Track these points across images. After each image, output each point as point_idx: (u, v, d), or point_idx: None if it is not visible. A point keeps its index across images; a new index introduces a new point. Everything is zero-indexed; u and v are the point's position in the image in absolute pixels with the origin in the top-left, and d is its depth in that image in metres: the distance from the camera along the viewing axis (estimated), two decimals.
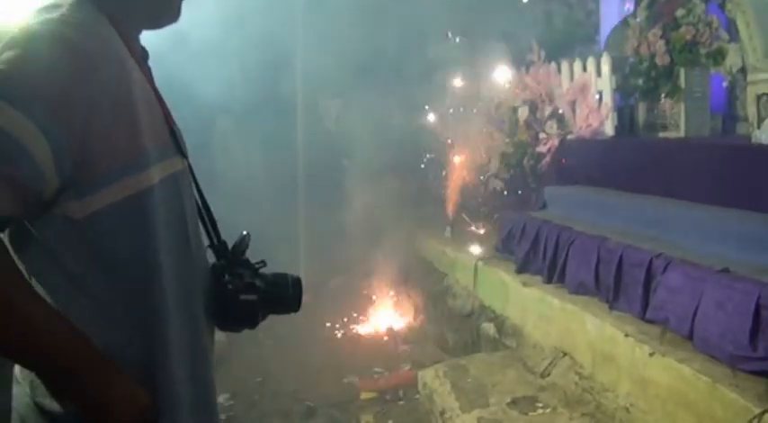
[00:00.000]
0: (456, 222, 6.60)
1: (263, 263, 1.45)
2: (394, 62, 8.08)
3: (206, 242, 1.42)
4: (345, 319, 6.42)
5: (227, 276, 1.38)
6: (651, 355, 3.23)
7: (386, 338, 6.08)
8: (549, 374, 3.91)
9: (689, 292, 3.22)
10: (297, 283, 1.48)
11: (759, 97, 4.46)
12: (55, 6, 1.17)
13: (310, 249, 7.54)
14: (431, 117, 7.62)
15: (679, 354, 3.12)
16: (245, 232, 1.45)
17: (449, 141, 7.17)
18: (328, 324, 6.26)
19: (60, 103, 1.06)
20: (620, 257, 3.76)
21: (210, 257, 1.42)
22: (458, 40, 7.73)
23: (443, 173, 7.20)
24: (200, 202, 1.40)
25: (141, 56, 1.30)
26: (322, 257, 7.38)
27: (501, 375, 4.03)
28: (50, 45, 1.09)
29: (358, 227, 6.83)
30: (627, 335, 3.43)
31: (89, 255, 1.15)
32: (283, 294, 1.45)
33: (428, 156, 7.67)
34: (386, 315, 6.48)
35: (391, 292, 6.70)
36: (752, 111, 4.53)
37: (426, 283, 6.27)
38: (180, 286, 1.25)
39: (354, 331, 6.25)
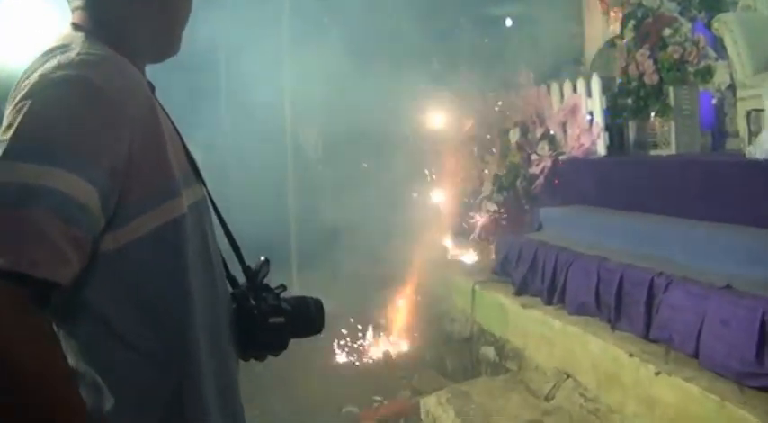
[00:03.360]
0: (452, 246, 6.58)
1: (284, 287, 1.45)
2: (378, 90, 8.15)
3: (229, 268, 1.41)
4: (340, 347, 6.36)
5: (252, 301, 1.36)
6: (657, 374, 3.20)
7: (383, 365, 6.02)
8: (553, 397, 3.87)
9: (692, 309, 3.20)
10: (318, 304, 1.50)
11: (749, 113, 4.52)
12: (65, 47, 1.14)
13: (303, 280, 7.48)
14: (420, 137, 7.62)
15: (685, 372, 3.09)
16: (263, 258, 1.44)
17: (440, 166, 7.18)
18: (321, 352, 6.20)
19: (98, 148, 1.06)
20: (621, 277, 3.75)
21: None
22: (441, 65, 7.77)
23: (436, 198, 7.20)
24: (222, 229, 1.41)
25: (150, 88, 1.30)
26: (314, 284, 7.33)
27: (504, 400, 3.98)
28: (76, 92, 1.07)
29: (351, 252, 6.80)
30: (631, 355, 3.40)
31: (122, 289, 1.13)
32: (307, 316, 1.46)
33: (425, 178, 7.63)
34: (382, 341, 6.42)
35: (387, 317, 6.65)
36: (742, 126, 4.58)
37: (423, 307, 6.22)
38: (208, 316, 1.24)
39: (350, 359, 6.18)
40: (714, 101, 5.56)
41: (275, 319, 1.37)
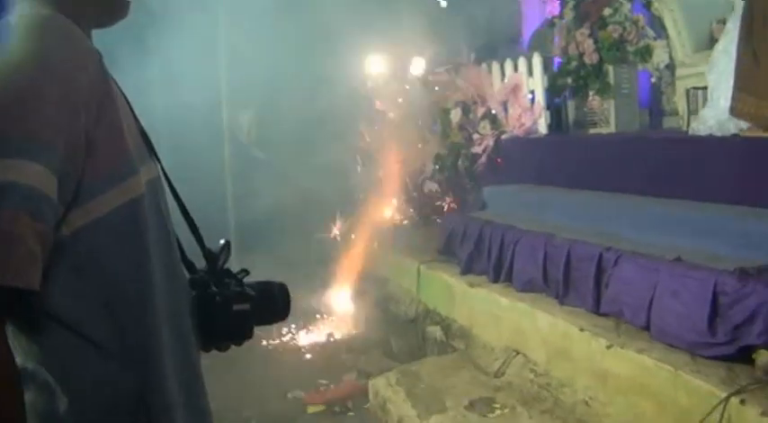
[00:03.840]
0: (394, 228, 6.53)
1: (246, 271, 1.35)
2: (312, 71, 7.99)
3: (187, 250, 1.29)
4: (283, 330, 6.24)
5: (213, 288, 1.25)
6: (609, 347, 3.22)
7: (328, 348, 5.93)
8: (503, 374, 3.87)
9: (642, 282, 3.23)
10: (283, 289, 1.38)
11: (688, 91, 4.61)
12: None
13: (241, 263, 7.28)
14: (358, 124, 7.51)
15: (637, 344, 3.13)
16: (223, 241, 1.32)
17: (379, 147, 7.10)
18: (264, 336, 6.07)
19: (54, 130, 0.95)
20: (568, 253, 3.76)
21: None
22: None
23: (377, 178, 7.12)
24: (179, 209, 1.29)
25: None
26: (252, 264, 7.16)
27: (455, 378, 3.96)
28: (22, 64, 0.95)
29: (290, 234, 6.67)
30: (582, 329, 3.42)
31: (75, 277, 1.01)
32: (273, 302, 1.35)
33: (359, 163, 7.53)
34: (326, 324, 6.32)
35: (329, 300, 6.55)
36: (682, 104, 4.68)
37: (367, 289, 6.15)
38: (170, 305, 1.12)
39: (293, 342, 6.06)
40: (653, 80, 5.66)
41: (240, 307, 1.26)
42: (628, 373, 3.10)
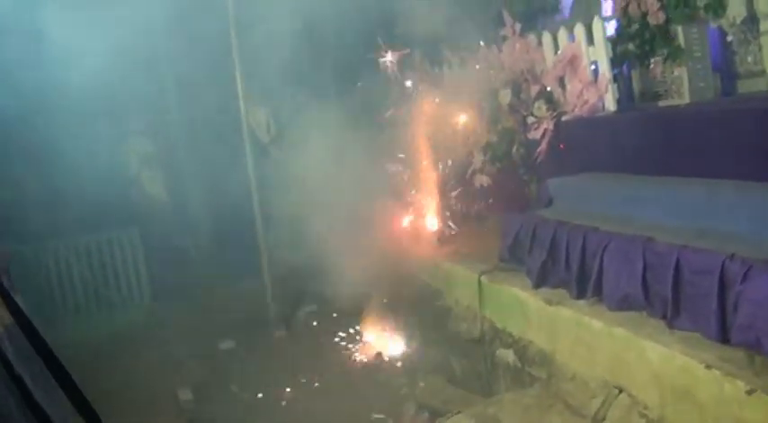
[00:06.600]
0: (442, 230, 5.80)
1: None
2: (338, 58, 7.30)
3: None
4: (327, 356, 5.58)
5: None
6: (749, 393, 2.47)
7: (379, 372, 5.25)
8: (604, 418, 3.13)
9: None
10: None
11: None
12: None
13: (275, 276, 6.61)
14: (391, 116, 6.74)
15: None
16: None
17: (419, 141, 6.33)
18: (306, 365, 5.42)
19: None
20: (677, 262, 2.99)
21: None
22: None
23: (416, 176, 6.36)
24: None
25: None
26: (287, 284, 6.53)
27: None
28: None
29: (326, 246, 5.94)
30: (708, 366, 2.66)
31: None
32: None
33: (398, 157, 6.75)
34: (374, 346, 5.62)
35: (377, 318, 5.84)
36: None
37: (419, 303, 5.43)
38: None
39: (340, 370, 5.38)
40: (729, 38, 4.83)
41: None
42: None
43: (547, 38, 5.24)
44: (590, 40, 4.88)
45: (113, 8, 6.10)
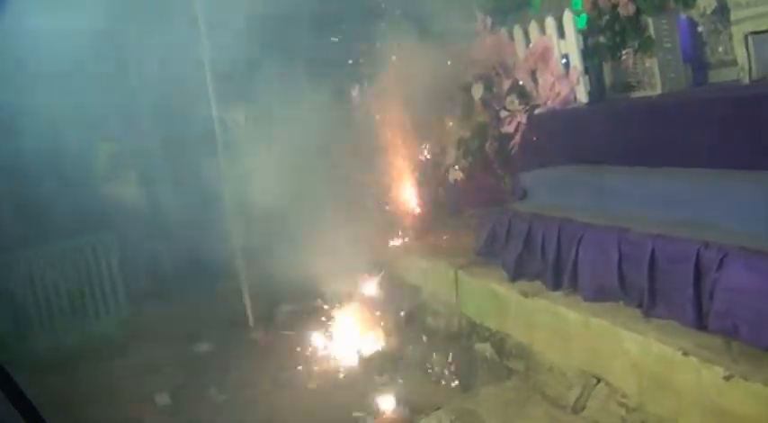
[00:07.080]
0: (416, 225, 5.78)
1: None
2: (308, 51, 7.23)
3: None
4: (305, 355, 5.53)
5: None
6: (727, 378, 2.49)
7: (357, 369, 5.20)
8: (583, 408, 3.14)
9: (762, 289, 2.48)
10: None
11: (746, 37, 3.86)
12: None
13: (251, 277, 6.55)
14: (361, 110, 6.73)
15: (765, 374, 2.39)
16: None
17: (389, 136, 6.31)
18: (285, 364, 5.36)
19: None
20: (653, 251, 3.01)
21: None
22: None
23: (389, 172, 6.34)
24: None
25: None
26: (264, 284, 6.46)
27: (523, 417, 3.23)
28: None
29: (301, 244, 5.89)
30: (686, 353, 2.68)
31: None
32: None
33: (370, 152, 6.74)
34: (352, 343, 5.58)
35: (354, 315, 5.81)
36: (741, 53, 3.96)
37: (396, 299, 5.40)
38: None
39: (319, 368, 5.34)
40: (700, 28, 4.87)
41: None
42: (756, 412, 2.36)
43: (518, 32, 5.24)
44: (561, 33, 4.90)
45: (80, 10, 5.99)
